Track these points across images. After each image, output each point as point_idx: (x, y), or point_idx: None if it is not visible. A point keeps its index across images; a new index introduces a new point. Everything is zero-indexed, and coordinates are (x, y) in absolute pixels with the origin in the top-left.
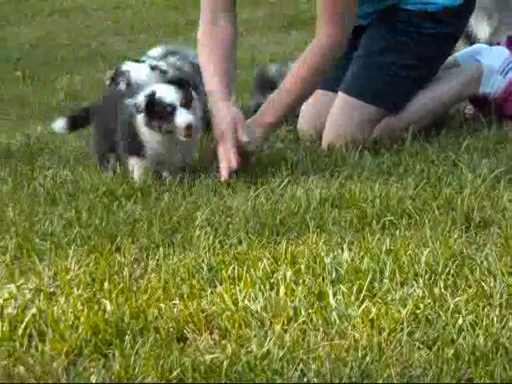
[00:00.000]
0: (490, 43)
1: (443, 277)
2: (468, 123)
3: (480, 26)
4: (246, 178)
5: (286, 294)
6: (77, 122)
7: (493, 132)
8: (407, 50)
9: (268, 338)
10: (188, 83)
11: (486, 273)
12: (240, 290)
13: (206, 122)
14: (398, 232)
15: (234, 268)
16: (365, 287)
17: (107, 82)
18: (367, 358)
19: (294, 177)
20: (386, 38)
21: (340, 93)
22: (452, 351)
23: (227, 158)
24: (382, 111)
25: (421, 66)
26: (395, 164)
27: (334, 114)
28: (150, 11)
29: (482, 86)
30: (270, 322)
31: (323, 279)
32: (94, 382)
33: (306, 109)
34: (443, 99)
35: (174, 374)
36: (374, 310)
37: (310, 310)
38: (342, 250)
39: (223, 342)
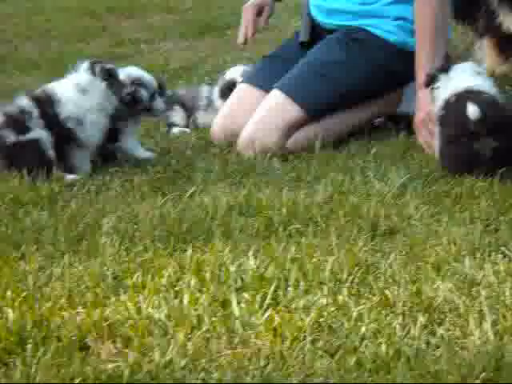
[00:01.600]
0: None
1: (347, 285)
2: (376, 131)
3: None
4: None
5: (189, 302)
6: None
7: (400, 140)
8: (355, 70)
9: (171, 347)
10: None
11: (390, 281)
12: (144, 298)
13: None
14: (304, 240)
15: (138, 276)
16: (269, 295)
17: None
18: (269, 367)
19: (203, 184)
20: (340, 54)
21: (274, 90)
22: (354, 359)
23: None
24: (306, 117)
25: (361, 90)
26: (304, 171)
27: (263, 110)
28: (62, 17)
29: (402, 106)
30: (173, 331)
31: (228, 287)
32: None
33: (223, 113)
34: (365, 115)
35: (76, 382)
36: (277, 318)
37: (213, 318)
38: (248, 257)
39: (125, 350)
